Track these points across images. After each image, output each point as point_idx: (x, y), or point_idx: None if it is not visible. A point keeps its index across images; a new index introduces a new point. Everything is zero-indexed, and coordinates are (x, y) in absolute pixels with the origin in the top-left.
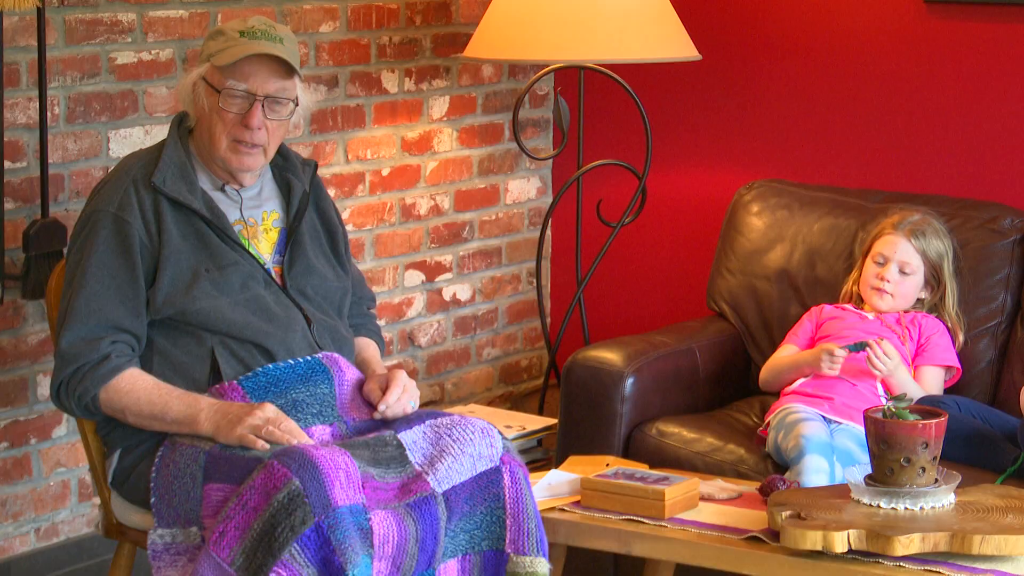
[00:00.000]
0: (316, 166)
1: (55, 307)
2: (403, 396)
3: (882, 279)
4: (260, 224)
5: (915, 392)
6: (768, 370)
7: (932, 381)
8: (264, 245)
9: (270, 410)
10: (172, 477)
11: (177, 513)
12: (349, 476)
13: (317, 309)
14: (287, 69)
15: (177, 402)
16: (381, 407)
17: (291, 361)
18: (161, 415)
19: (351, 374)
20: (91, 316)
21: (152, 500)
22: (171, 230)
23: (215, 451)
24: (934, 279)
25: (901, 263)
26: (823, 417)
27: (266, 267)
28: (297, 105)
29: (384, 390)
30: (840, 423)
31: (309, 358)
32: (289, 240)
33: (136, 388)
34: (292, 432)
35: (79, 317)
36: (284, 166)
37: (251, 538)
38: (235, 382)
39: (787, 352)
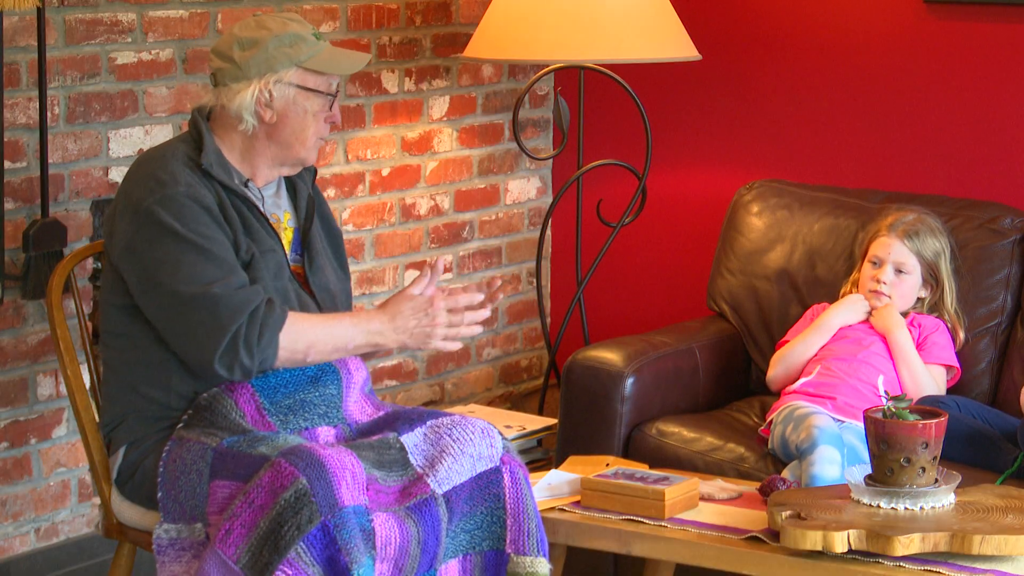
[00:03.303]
0: (315, 172)
1: (56, 307)
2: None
3: (878, 281)
4: (280, 222)
5: (919, 368)
6: (780, 358)
7: (933, 380)
8: (284, 242)
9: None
10: (179, 472)
11: (183, 508)
12: (355, 476)
13: (333, 308)
14: None
15: (352, 329)
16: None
17: None
18: (343, 346)
19: (358, 376)
20: (229, 271)
21: (159, 495)
22: (227, 204)
23: (222, 448)
24: (932, 278)
25: (896, 264)
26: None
27: (289, 262)
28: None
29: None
30: (844, 421)
31: None
32: (304, 241)
33: (313, 323)
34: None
35: (219, 273)
36: None
37: (257, 536)
38: (247, 381)
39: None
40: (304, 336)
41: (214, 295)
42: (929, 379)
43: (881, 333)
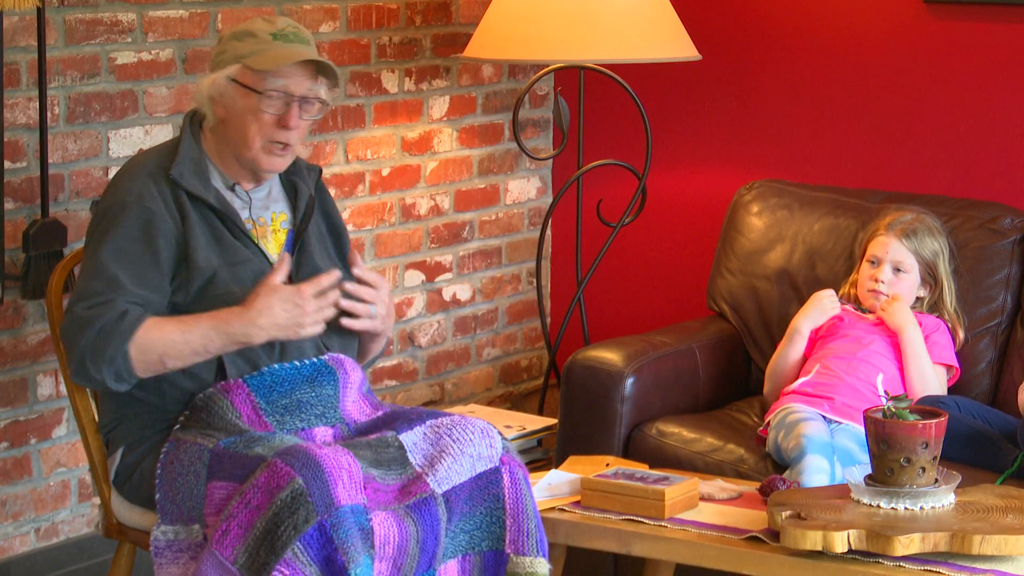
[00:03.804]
0: (320, 171)
1: (56, 307)
2: (379, 293)
3: (876, 280)
4: (269, 224)
5: (927, 366)
6: (768, 375)
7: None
8: (272, 246)
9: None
10: (176, 474)
11: (180, 510)
12: (352, 476)
13: None
14: (317, 70)
15: (211, 332)
16: (356, 271)
17: (297, 362)
18: (203, 350)
19: (355, 376)
20: (114, 288)
21: (156, 496)
22: (192, 218)
23: (218, 449)
24: (930, 277)
25: (894, 263)
26: (823, 417)
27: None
28: (324, 105)
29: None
30: (840, 423)
31: (315, 359)
32: (297, 242)
33: (167, 331)
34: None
35: (92, 291)
36: (290, 169)
37: (254, 537)
38: (241, 380)
39: None
40: (155, 346)
41: (73, 313)
42: (935, 378)
43: (892, 330)
